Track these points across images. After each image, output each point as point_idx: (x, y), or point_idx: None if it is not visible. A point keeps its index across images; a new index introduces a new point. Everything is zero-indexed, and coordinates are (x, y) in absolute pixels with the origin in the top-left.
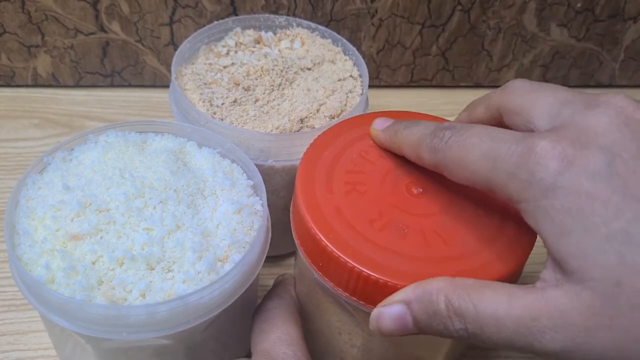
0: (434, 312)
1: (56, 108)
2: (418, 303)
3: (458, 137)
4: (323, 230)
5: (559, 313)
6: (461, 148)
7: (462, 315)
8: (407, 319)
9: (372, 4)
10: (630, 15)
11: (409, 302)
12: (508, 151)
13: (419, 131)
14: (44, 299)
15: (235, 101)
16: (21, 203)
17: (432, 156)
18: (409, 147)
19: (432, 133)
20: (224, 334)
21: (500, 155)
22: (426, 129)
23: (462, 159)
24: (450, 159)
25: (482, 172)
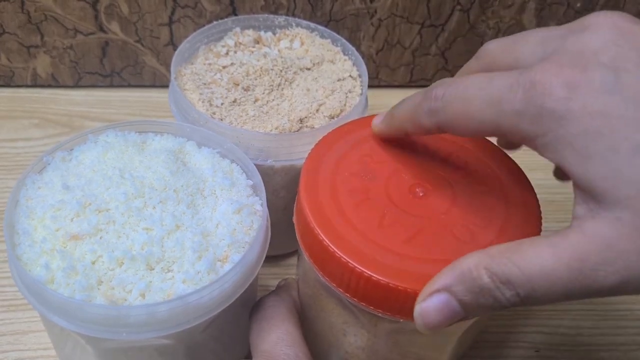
0: (479, 289)
1: (56, 108)
2: (459, 284)
3: (453, 91)
4: (326, 232)
5: (605, 245)
6: (461, 100)
7: (510, 282)
8: (453, 305)
9: (371, 4)
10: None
11: (449, 287)
12: (511, 90)
13: (411, 102)
14: (44, 299)
15: (234, 101)
16: (21, 203)
17: (431, 119)
18: (408, 121)
19: (424, 97)
20: (224, 334)
21: (504, 96)
22: (416, 97)
23: (465, 111)
24: (452, 114)
25: (489, 119)
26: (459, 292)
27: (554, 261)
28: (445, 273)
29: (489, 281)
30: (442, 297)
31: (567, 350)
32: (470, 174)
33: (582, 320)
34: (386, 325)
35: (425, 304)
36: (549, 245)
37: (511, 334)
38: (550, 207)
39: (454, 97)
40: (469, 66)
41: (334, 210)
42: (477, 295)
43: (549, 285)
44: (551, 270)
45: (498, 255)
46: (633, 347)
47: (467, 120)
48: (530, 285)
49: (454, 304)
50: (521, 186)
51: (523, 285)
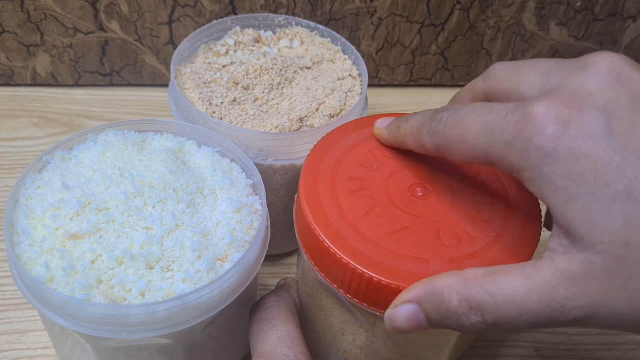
0: (446, 310)
1: (55, 107)
2: (428, 302)
3: (455, 116)
4: (326, 232)
5: (575, 283)
6: (459, 125)
7: (479, 308)
8: (420, 318)
9: (371, 3)
10: (630, 15)
11: (420, 301)
12: (504, 121)
13: (418, 119)
14: (44, 299)
15: (234, 100)
16: (20, 202)
17: (432, 139)
18: (412, 137)
19: (430, 117)
20: (224, 333)
21: (497, 126)
22: (425, 116)
23: (461, 136)
24: (449, 137)
25: (480, 146)
26: (427, 308)
27: (525, 292)
28: (419, 286)
29: (457, 305)
30: (412, 308)
31: (567, 349)
32: (473, 175)
33: None
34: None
35: (397, 310)
36: (522, 277)
37: (511, 333)
38: None
39: (453, 121)
40: (475, 84)
41: (333, 210)
42: (443, 315)
43: (517, 315)
44: (522, 301)
45: (472, 281)
46: (632, 346)
47: (462, 145)
48: (500, 314)
49: (422, 317)
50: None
51: (492, 313)
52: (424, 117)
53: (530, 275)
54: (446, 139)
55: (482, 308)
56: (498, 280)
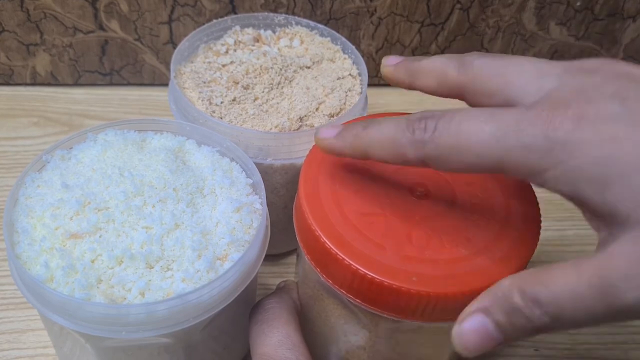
0: (512, 309)
1: (55, 106)
2: (495, 306)
3: (447, 124)
4: (327, 233)
5: (626, 263)
6: (457, 134)
7: (538, 301)
8: (489, 327)
9: (371, 2)
10: (630, 14)
11: (486, 309)
12: (517, 125)
13: (389, 128)
14: (43, 298)
15: (234, 100)
16: (20, 201)
17: (417, 150)
18: (381, 148)
19: (408, 126)
20: (223, 333)
21: (509, 131)
22: (398, 124)
23: (460, 146)
24: (444, 148)
25: (491, 153)
26: (494, 313)
27: (576, 279)
28: (482, 296)
29: (520, 300)
30: (479, 318)
31: (567, 349)
32: (473, 176)
33: None
34: (387, 324)
35: (464, 325)
36: (574, 266)
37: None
38: (549, 207)
39: (447, 130)
40: (446, 70)
41: (334, 210)
42: (511, 315)
43: (573, 305)
44: (574, 288)
45: (529, 276)
46: (633, 345)
47: (462, 155)
48: (557, 304)
49: (490, 325)
50: (521, 185)
51: (550, 304)
52: (397, 125)
53: (582, 263)
54: (439, 149)
55: (540, 300)
56: (552, 272)
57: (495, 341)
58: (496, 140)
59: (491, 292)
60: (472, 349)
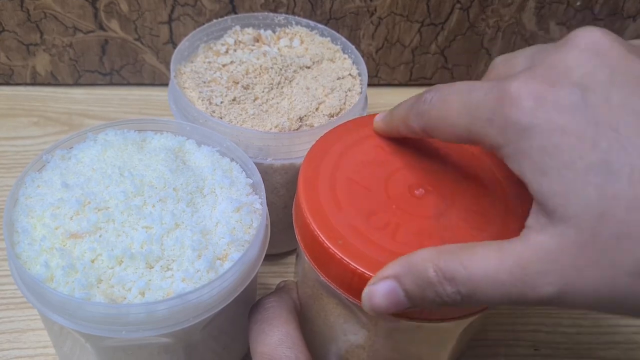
0: (423, 282)
1: (55, 106)
2: (406, 275)
3: (440, 95)
4: (325, 232)
5: (547, 256)
6: (443, 104)
7: (453, 279)
8: (398, 293)
9: (371, 2)
10: (630, 14)
11: (398, 276)
12: (484, 98)
13: (406, 103)
14: (43, 297)
15: (234, 100)
16: (20, 201)
17: (419, 121)
18: (402, 123)
19: (416, 100)
20: (223, 333)
21: (477, 104)
22: (412, 99)
23: (444, 115)
24: (434, 117)
25: (462, 124)
26: (405, 282)
27: (497, 265)
28: (396, 262)
29: (434, 275)
30: (390, 284)
31: (567, 348)
32: (472, 176)
33: (581, 319)
34: (386, 324)
35: (375, 287)
36: (496, 250)
37: (510, 332)
38: None
39: (437, 100)
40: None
41: (333, 209)
42: (421, 287)
43: (489, 288)
44: (493, 273)
45: (448, 253)
46: (632, 345)
47: (445, 124)
48: (472, 285)
49: (400, 292)
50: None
51: (465, 284)
52: (411, 100)
53: (505, 248)
54: (431, 119)
55: (455, 278)
56: (473, 253)
57: (402, 306)
58: (466, 111)
59: (407, 260)
60: (380, 310)
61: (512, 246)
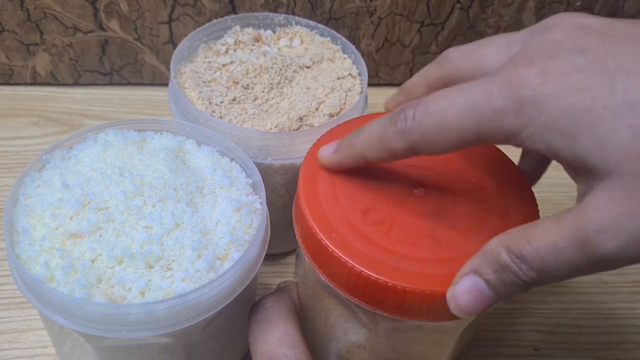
0: (501, 266)
1: (55, 106)
2: (484, 265)
3: (424, 108)
4: (325, 232)
5: (599, 213)
6: (434, 115)
7: (523, 256)
8: (481, 286)
9: (371, 2)
10: (629, 14)
11: (476, 269)
12: (486, 92)
13: (375, 127)
14: (43, 297)
15: (234, 99)
16: (20, 201)
17: (404, 140)
18: (373, 148)
19: (391, 121)
20: (223, 332)
21: (480, 99)
22: (382, 121)
23: (441, 124)
24: (427, 130)
25: (468, 125)
26: (485, 272)
27: (555, 233)
28: (473, 258)
29: (507, 257)
30: (470, 279)
31: (566, 348)
32: (471, 176)
33: (581, 319)
34: (387, 324)
35: (456, 287)
36: (554, 221)
37: (510, 332)
38: (548, 206)
39: (425, 113)
40: (428, 72)
41: (333, 209)
42: (500, 272)
43: (555, 258)
44: (554, 241)
45: (515, 234)
46: (632, 345)
47: (445, 132)
48: (540, 259)
49: (482, 284)
50: (519, 185)
51: (534, 259)
52: (381, 123)
53: (562, 217)
54: (422, 133)
55: (524, 255)
56: (536, 228)
57: (488, 300)
58: (469, 110)
59: (481, 253)
60: (467, 309)
61: (568, 214)
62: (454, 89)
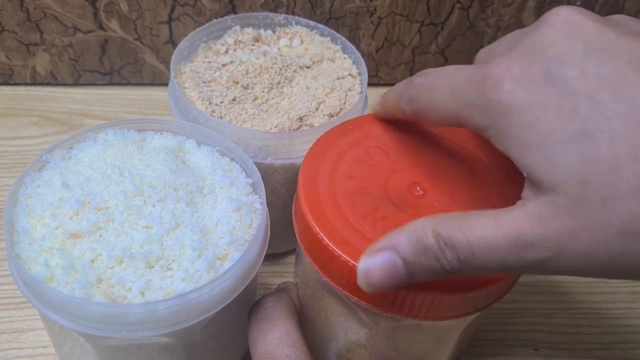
0: (424, 249)
1: (55, 106)
2: (405, 244)
3: (427, 80)
4: (326, 232)
5: (540, 222)
6: (431, 90)
7: (453, 245)
8: (397, 264)
9: (371, 2)
10: (629, 14)
11: (395, 246)
12: (468, 83)
13: (398, 87)
14: (43, 297)
15: (234, 99)
16: (20, 201)
17: (410, 106)
18: (393, 106)
19: (406, 84)
20: (223, 332)
21: (462, 88)
22: (403, 82)
23: (432, 101)
24: (423, 103)
25: (450, 109)
26: (404, 251)
27: (494, 230)
28: (393, 233)
29: (433, 241)
30: (387, 255)
31: (566, 348)
32: (470, 175)
33: (581, 319)
34: (388, 323)
35: (370, 260)
36: (493, 217)
37: (510, 332)
38: None
39: (426, 85)
40: None
41: (333, 209)
42: (421, 255)
43: (487, 253)
44: (491, 238)
45: (446, 220)
46: (632, 345)
47: (434, 109)
48: (470, 250)
49: (398, 263)
50: (519, 182)
51: (464, 249)
52: (402, 85)
53: (501, 216)
54: (421, 104)
55: (455, 244)
56: (470, 219)
57: (400, 280)
58: (451, 98)
59: (403, 230)
60: (376, 285)
61: (508, 213)
62: (452, 69)
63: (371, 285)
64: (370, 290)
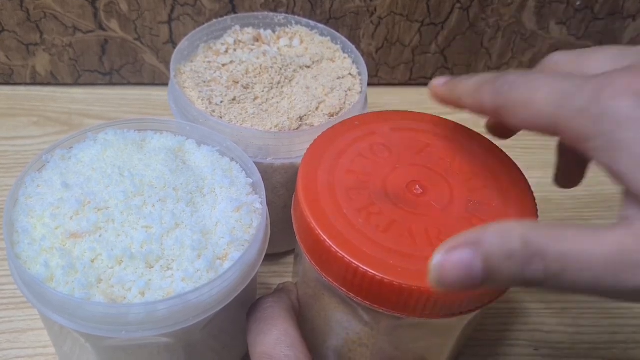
0: (508, 253)
1: (55, 106)
2: (490, 244)
3: (524, 79)
4: (326, 231)
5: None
6: (528, 88)
7: (542, 254)
8: (475, 265)
9: (371, 2)
10: (630, 13)
11: (479, 243)
12: (580, 88)
13: (480, 78)
14: (43, 297)
15: (234, 99)
16: (20, 201)
17: (493, 98)
18: (469, 95)
19: (494, 77)
20: (223, 332)
21: (570, 92)
22: (487, 75)
23: (528, 99)
24: (514, 99)
25: (548, 110)
26: (488, 251)
27: (593, 246)
28: (477, 229)
29: (520, 247)
30: (467, 253)
31: (566, 348)
32: (472, 178)
33: (581, 319)
34: (389, 322)
35: (446, 256)
36: (591, 234)
37: (510, 332)
38: (548, 206)
39: (521, 83)
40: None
41: (332, 208)
42: (504, 259)
43: (580, 269)
44: (588, 254)
45: (539, 227)
46: (632, 345)
47: (527, 107)
48: (562, 264)
49: (477, 264)
50: (519, 185)
51: (555, 261)
52: (486, 77)
53: (601, 234)
54: (510, 100)
55: (545, 254)
56: (566, 230)
57: (474, 282)
58: (555, 99)
59: (490, 229)
60: (448, 283)
61: (611, 232)
62: (554, 75)
63: (443, 284)
64: (441, 290)
